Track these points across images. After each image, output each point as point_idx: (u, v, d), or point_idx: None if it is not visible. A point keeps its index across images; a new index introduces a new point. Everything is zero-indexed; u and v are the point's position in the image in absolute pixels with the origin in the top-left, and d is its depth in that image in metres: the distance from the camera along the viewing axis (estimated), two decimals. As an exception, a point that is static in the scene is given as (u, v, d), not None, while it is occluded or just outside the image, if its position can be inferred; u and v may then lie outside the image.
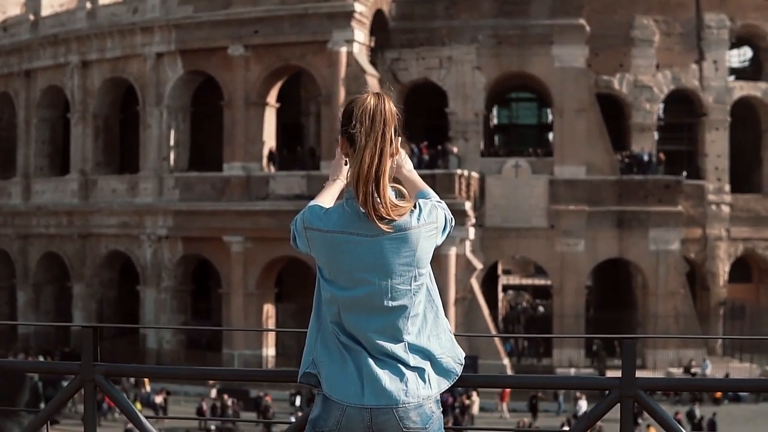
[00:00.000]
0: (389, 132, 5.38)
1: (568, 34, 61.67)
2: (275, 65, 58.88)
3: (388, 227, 5.29)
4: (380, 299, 5.35)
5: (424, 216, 5.43)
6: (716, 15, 68.00)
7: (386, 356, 5.38)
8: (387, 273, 5.33)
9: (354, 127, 5.32)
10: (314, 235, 5.44)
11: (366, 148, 5.27)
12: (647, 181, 60.71)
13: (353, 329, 5.39)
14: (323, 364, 5.46)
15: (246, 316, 58.20)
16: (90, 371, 6.69)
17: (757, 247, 68.70)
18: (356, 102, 5.43)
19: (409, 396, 5.33)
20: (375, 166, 5.27)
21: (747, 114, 69.10)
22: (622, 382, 6.33)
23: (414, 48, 63.62)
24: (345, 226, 5.33)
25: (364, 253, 5.32)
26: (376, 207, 5.26)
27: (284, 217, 56.12)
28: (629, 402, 6.34)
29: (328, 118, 57.63)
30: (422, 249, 5.40)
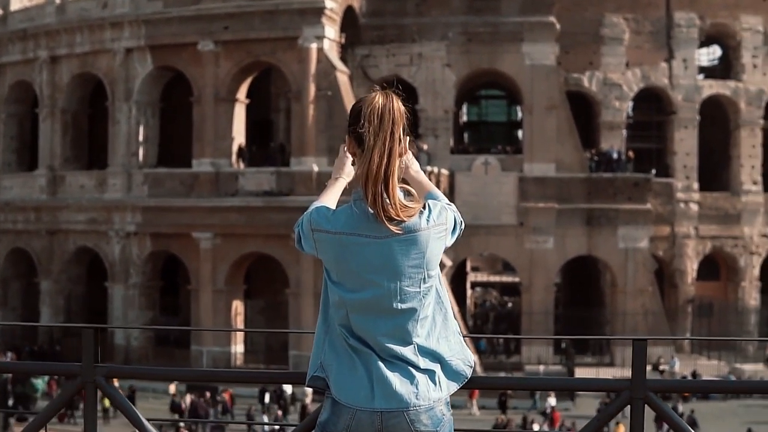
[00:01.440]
0: (398, 131, 5.33)
1: (538, 32, 62.39)
2: (245, 61, 59.29)
3: (397, 228, 5.23)
4: (389, 301, 5.29)
5: (434, 217, 5.38)
6: (686, 13, 68.99)
7: (396, 359, 5.32)
8: (396, 275, 5.28)
9: (362, 126, 5.29)
10: (322, 237, 5.37)
11: (375, 147, 5.22)
12: (616, 178, 61.48)
13: (362, 332, 5.33)
14: (331, 368, 5.40)
15: (215, 313, 58.63)
16: (91, 372, 6.63)
17: (725, 245, 69.70)
18: (364, 101, 5.43)
19: (420, 399, 5.27)
20: (384, 165, 5.22)
21: (716, 112, 70.16)
22: (633, 384, 6.30)
23: (384, 45, 64.25)
24: (353, 227, 5.28)
25: (372, 255, 5.26)
26: (385, 208, 5.21)
27: (253, 214, 56.78)
28: (639, 404, 6.31)
29: (298, 114, 58.16)
30: (432, 251, 5.34)
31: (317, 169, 56.60)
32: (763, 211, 70.23)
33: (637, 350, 6.34)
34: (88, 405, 6.81)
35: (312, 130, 57.57)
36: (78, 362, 6.79)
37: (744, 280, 70.03)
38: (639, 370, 6.32)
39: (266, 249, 58.63)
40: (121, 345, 60.72)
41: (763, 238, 70.35)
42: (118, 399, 6.74)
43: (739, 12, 69.99)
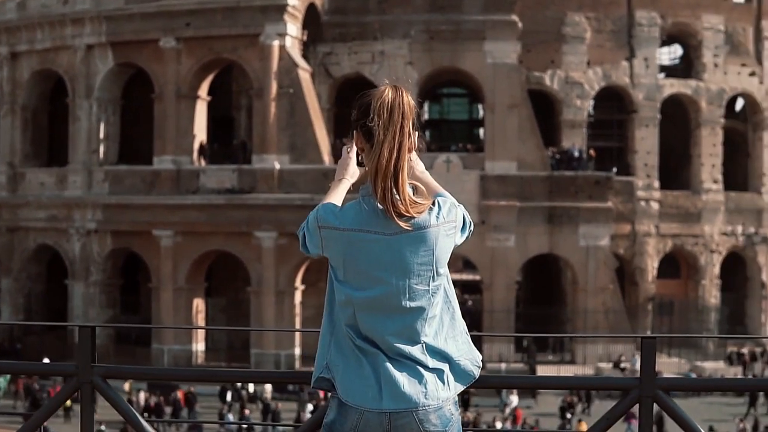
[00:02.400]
0: (407, 125, 5.32)
1: (500, 30, 62.94)
2: (207, 58, 59.78)
3: (406, 225, 5.21)
4: (397, 299, 5.26)
5: (444, 214, 5.39)
6: (647, 13, 69.83)
7: (404, 358, 5.28)
8: (405, 272, 5.25)
9: (372, 120, 5.26)
10: (329, 234, 5.33)
11: (385, 142, 5.20)
12: (577, 177, 62.07)
13: (370, 331, 5.30)
14: (338, 369, 5.36)
15: (175, 311, 59.06)
16: (88, 373, 6.53)
17: (686, 243, 70.57)
18: (374, 94, 5.39)
19: (429, 398, 5.24)
20: (394, 160, 5.20)
21: (677, 111, 71.11)
22: (642, 383, 6.30)
23: (346, 42, 64.72)
24: (362, 224, 5.25)
25: (381, 252, 5.23)
26: (394, 203, 5.19)
27: (214, 211, 57.16)
28: (649, 402, 6.31)
29: (260, 111, 58.63)
30: (441, 248, 5.32)
31: (279, 167, 57.14)
32: (724, 209, 71.22)
33: (646, 348, 6.35)
34: (85, 406, 6.65)
35: (274, 128, 58.04)
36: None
37: (704, 278, 70.95)
38: (648, 368, 6.32)
39: (227, 247, 59.11)
40: (81, 343, 60.75)
41: (723, 236, 71.33)
42: (116, 400, 6.64)
43: (700, 11, 70.98)
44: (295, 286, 58.69)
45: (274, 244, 57.30)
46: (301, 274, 59.36)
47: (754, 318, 73.08)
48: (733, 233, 71.76)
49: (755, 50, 72.80)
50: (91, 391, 6.59)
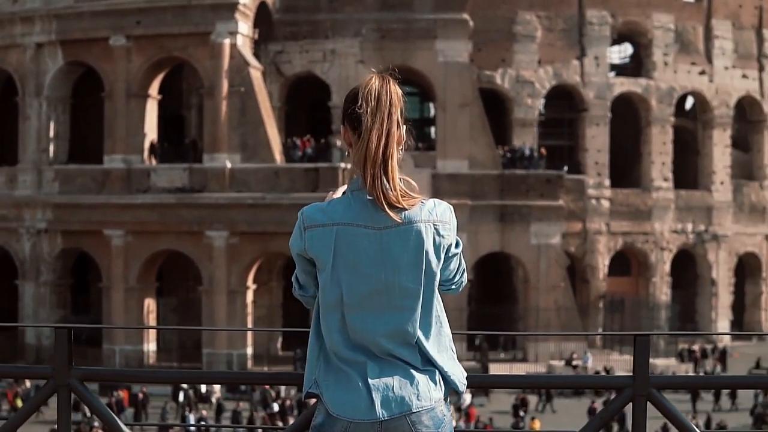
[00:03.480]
0: (396, 113, 5.19)
1: (451, 29, 63.76)
2: (157, 56, 60.14)
3: (397, 216, 5.09)
4: (387, 297, 5.15)
5: (437, 212, 5.23)
6: (598, 11, 70.91)
7: (395, 359, 5.19)
8: (394, 269, 5.14)
9: (360, 107, 5.13)
10: (316, 234, 5.20)
11: (373, 128, 5.10)
12: (529, 175, 62.93)
13: (361, 332, 5.17)
14: (327, 384, 5.23)
15: (126, 311, 59.32)
16: (65, 375, 6.35)
17: (636, 241, 71.74)
18: (361, 83, 5.25)
19: (422, 399, 5.15)
20: (382, 147, 5.10)
21: (627, 110, 72.32)
22: (635, 381, 6.23)
23: (298, 41, 65.29)
24: (351, 218, 5.14)
25: (370, 247, 5.12)
26: (384, 192, 5.08)
27: (165, 211, 57.45)
28: (642, 401, 6.25)
29: (211, 110, 59.07)
30: (432, 246, 5.19)
31: (230, 166, 57.57)
32: (674, 207, 72.53)
33: (639, 346, 6.24)
34: (62, 409, 6.43)
35: (225, 127, 58.48)
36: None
37: (655, 275, 72.22)
38: (642, 367, 6.24)
39: (178, 246, 59.47)
40: (32, 344, 61.16)
41: (673, 234, 72.59)
42: (95, 404, 6.46)
43: (650, 10, 72.20)
44: (246, 285, 59.16)
45: (226, 244, 57.68)
46: (253, 273, 59.87)
47: (705, 315, 74.40)
48: (683, 231, 73.06)
49: (705, 49, 74.11)
50: (69, 394, 6.38)
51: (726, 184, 74.40)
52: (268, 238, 57.72)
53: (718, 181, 74.11)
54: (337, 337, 5.22)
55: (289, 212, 55.61)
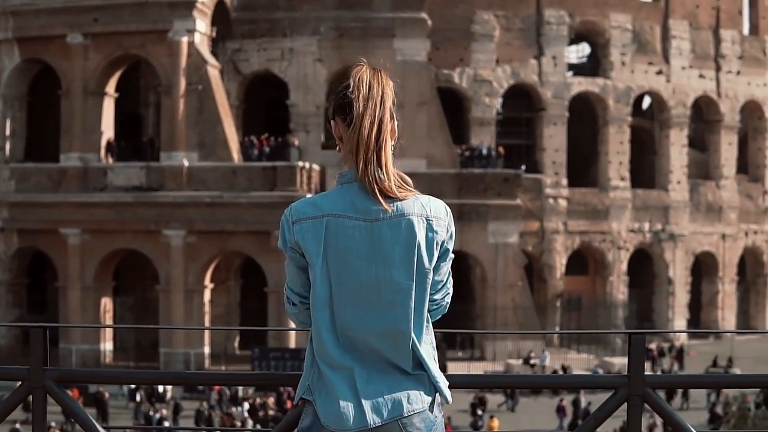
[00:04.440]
0: (388, 101, 5.09)
1: (409, 28, 64.46)
2: (114, 54, 60.42)
3: (389, 207, 4.96)
4: (378, 292, 5.02)
5: (431, 207, 5.08)
6: (556, 11, 71.81)
7: (385, 362, 5.06)
8: (385, 263, 5.00)
9: (352, 92, 5.02)
10: (305, 226, 5.04)
11: (365, 114, 4.98)
12: (486, 174, 63.58)
13: (350, 330, 5.04)
14: (320, 393, 5.09)
15: (83, 310, 59.43)
16: (40, 377, 6.15)
17: (593, 240, 72.65)
18: (351, 72, 5.13)
19: (413, 403, 5.03)
20: (375, 133, 4.98)
21: (584, 109, 73.29)
22: (631, 380, 6.14)
23: (255, 39, 65.78)
24: (342, 209, 5.00)
25: (361, 240, 4.99)
26: (378, 180, 4.97)
27: (122, 209, 57.69)
28: (638, 401, 6.17)
29: (168, 108, 59.44)
30: (424, 240, 5.04)
31: (187, 164, 57.88)
32: (631, 206, 73.59)
33: (634, 345, 6.17)
34: (36, 412, 6.27)
35: (182, 125, 58.80)
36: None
37: (612, 274, 73.22)
38: (637, 366, 6.16)
39: (135, 245, 59.69)
40: (-14, 343, 61.12)
41: (630, 233, 73.61)
42: (71, 406, 6.32)
43: (608, 10, 73.19)
44: (204, 284, 59.49)
45: (183, 242, 57.99)
46: (210, 272, 60.20)
47: (661, 314, 75.54)
48: (640, 230, 74.12)
49: (662, 49, 75.24)
50: (44, 396, 6.18)
51: (683, 184, 75.58)
52: (226, 237, 58.19)
53: (674, 181, 75.24)
54: (327, 336, 5.07)
55: (247, 211, 56.20)
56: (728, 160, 78.33)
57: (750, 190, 80.00)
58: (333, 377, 5.06)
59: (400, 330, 5.04)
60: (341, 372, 5.06)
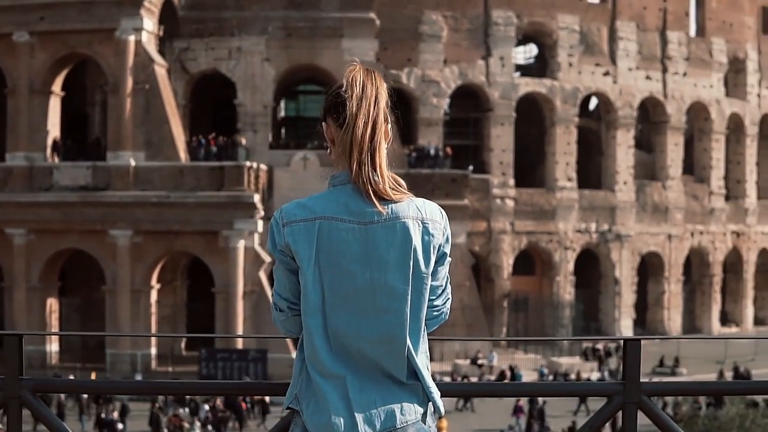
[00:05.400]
0: (383, 101, 4.95)
1: (358, 28, 65.16)
2: (61, 53, 60.56)
3: (384, 209, 4.86)
4: (372, 297, 4.90)
5: (426, 210, 5.00)
6: (503, 12, 72.60)
7: (378, 371, 4.94)
8: (380, 267, 4.89)
9: (345, 92, 4.91)
10: (296, 229, 4.94)
11: (359, 114, 4.87)
12: (434, 174, 64.30)
13: (342, 337, 4.91)
14: (308, 403, 4.96)
15: (29, 311, 59.56)
16: (15, 387, 5.99)
17: (540, 241, 73.54)
18: (345, 72, 5.04)
19: (406, 414, 4.92)
20: (369, 133, 4.87)
21: (532, 110, 74.21)
22: (626, 388, 6.07)
23: (203, 38, 66.07)
24: (334, 211, 4.90)
25: (355, 243, 4.88)
26: (372, 181, 4.86)
27: (69, 209, 57.72)
28: (633, 408, 6.09)
29: (115, 107, 59.64)
30: (420, 244, 4.93)
31: (134, 164, 58.13)
32: (578, 207, 74.57)
33: (630, 351, 6.08)
34: (11, 423, 6.11)
35: (129, 124, 59.02)
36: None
37: (559, 274, 74.20)
38: (632, 373, 6.09)
39: (82, 245, 59.79)
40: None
41: (577, 233, 74.58)
42: (48, 417, 6.15)
43: (555, 11, 74.15)
44: (150, 284, 59.80)
45: (130, 243, 58.20)
46: (157, 272, 60.45)
47: (608, 314, 76.59)
48: (587, 230, 75.08)
49: (609, 50, 76.27)
50: (19, 406, 6.02)
51: (629, 184, 76.70)
52: (173, 237, 58.51)
53: (621, 181, 76.34)
54: (320, 343, 4.91)
55: (194, 211, 56.53)
56: (674, 161, 79.55)
57: (696, 191, 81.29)
58: (324, 386, 4.91)
59: (395, 336, 4.92)
60: (333, 381, 4.91)
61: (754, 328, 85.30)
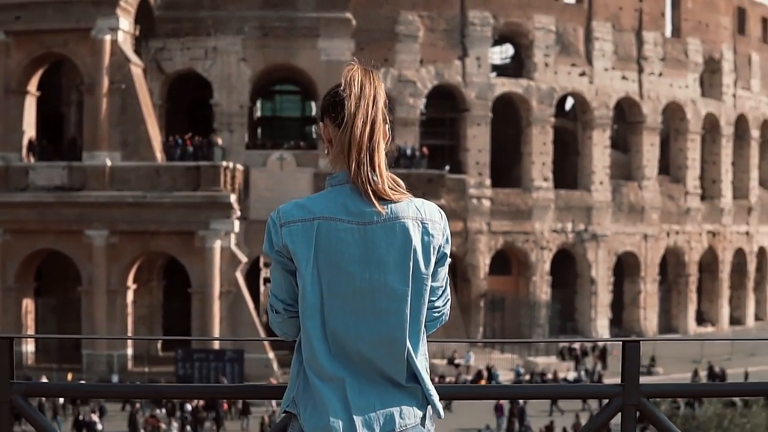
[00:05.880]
0: (380, 103, 4.91)
1: (334, 28, 65.37)
2: (37, 52, 60.64)
3: (383, 209, 4.83)
4: (372, 298, 4.86)
5: (425, 210, 4.94)
6: (480, 12, 72.96)
7: (377, 374, 4.91)
8: (380, 268, 4.85)
9: (344, 91, 4.87)
10: (294, 229, 4.88)
11: (357, 113, 4.84)
12: (410, 175, 64.22)
13: (341, 338, 4.87)
14: (305, 407, 4.94)
15: (4, 312, 59.61)
16: (6, 391, 5.93)
17: (517, 241, 73.89)
18: (343, 72, 4.98)
19: (405, 417, 4.90)
20: (368, 133, 4.84)
21: (508, 110, 74.57)
22: (625, 390, 6.07)
23: (179, 38, 66.22)
24: (333, 211, 4.85)
25: (354, 243, 4.84)
26: (371, 180, 4.83)
27: (44, 209, 57.76)
28: (632, 410, 6.09)
29: (91, 107, 59.67)
30: (419, 244, 4.89)
31: (110, 164, 58.23)
32: (554, 207, 74.98)
33: (629, 353, 6.08)
34: (2, 428, 6.01)
35: (105, 124, 59.09)
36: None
37: (535, 274, 74.60)
38: (631, 375, 6.10)
39: (58, 245, 59.81)
40: None
41: (553, 233, 74.99)
42: (39, 421, 6.08)
43: (532, 11, 74.53)
44: (126, 285, 59.85)
45: (106, 243, 58.28)
46: (133, 273, 60.55)
47: (584, 313, 77.05)
48: (563, 230, 75.51)
49: (585, 50, 76.72)
50: (10, 411, 5.96)
51: (605, 184, 77.16)
52: (149, 238, 58.64)
53: (597, 181, 76.80)
54: (318, 345, 4.89)
55: (170, 211, 56.69)
56: (650, 161, 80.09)
57: (672, 191, 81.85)
58: (323, 389, 4.87)
59: (395, 338, 4.87)
60: (331, 383, 4.87)
61: (729, 327, 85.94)
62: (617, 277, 79.06)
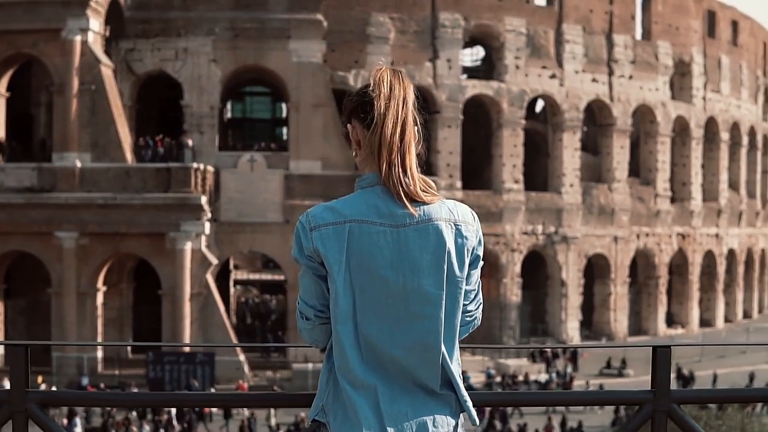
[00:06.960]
0: (410, 104, 4.86)
1: (305, 29, 65.54)
2: (6, 53, 60.77)
3: (415, 211, 4.74)
4: (405, 304, 4.77)
5: (458, 212, 4.92)
6: (451, 14, 73.38)
7: (410, 381, 4.83)
8: (413, 271, 4.76)
9: (373, 91, 4.81)
10: (325, 233, 4.79)
11: (388, 114, 4.77)
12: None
13: (375, 344, 4.79)
14: (335, 415, 4.85)
15: (-27, 313, 59.32)
16: (21, 400, 5.82)
17: (487, 243, 74.00)
18: (372, 74, 4.94)
19: (438, 426, 4.83)
20: (399, 133, 4.77)
21: (479, 112, 75.04)
22: (656, 396, 6.02)
23: (149, 39, 66.27)
24: (365, 214, 4.76)
25: (387, 247, 4.74)
26: (403, 182, 4.76)
27: (14, 211, 57.70)
28: (662, 417, 6.04)
29: (61, 108, 59.74)
30: (454, 247, 4.82)
31: (80, 165, 58.25)
32: (524, 209, 75.41)
33: (660, 359, 6.04)
34: None
35: (75, 125, 59.18)
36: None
37: (505, 276, 75.06)
38: (663, 381, 6.04)
39: (27, 247, 59.75)
40: None
41: (524, 235, 75.47)
42: (55, 431, 5.98)
43: (502, 14, 75.01)
44: (97, 287, 59.91)
45: (76, 245, 58.31)
46: (103, 275, 60.59)
47: (555, 315, 77.59)
48: (533, 232, 76.00)
49: (556, 53, 77.25)
50: (25, 420, 5.85)
51: (575, 187, 77.74)
52: (119, 239, 58.70)
53: (567, 184, 77.37)
54: (351, 352, 4.79)
55: (141, 213, 56.81)
56: (620, 164, 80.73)
57: (642, 193, 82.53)
58: (355, 397, 4.76)
59: (429, 343, 4.77)
60: (363, 391, 4.77)
61: (699, 329, 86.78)
62: (587, 279, 79.66)
